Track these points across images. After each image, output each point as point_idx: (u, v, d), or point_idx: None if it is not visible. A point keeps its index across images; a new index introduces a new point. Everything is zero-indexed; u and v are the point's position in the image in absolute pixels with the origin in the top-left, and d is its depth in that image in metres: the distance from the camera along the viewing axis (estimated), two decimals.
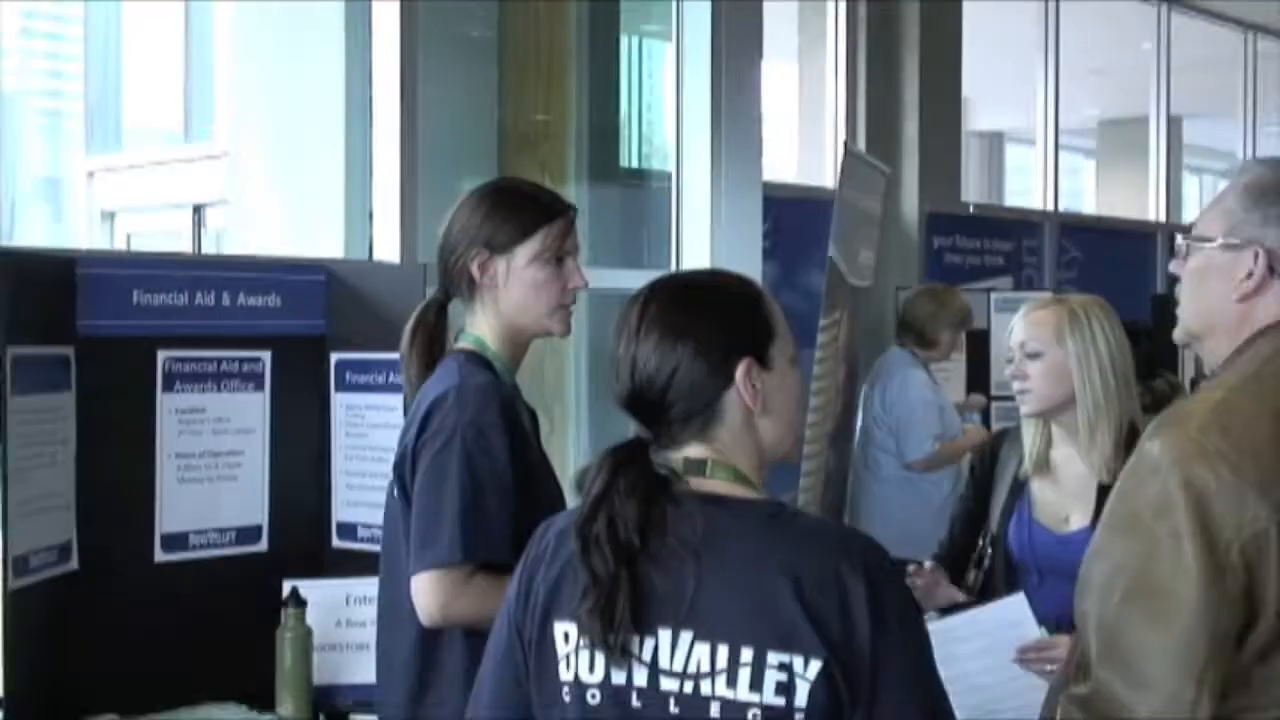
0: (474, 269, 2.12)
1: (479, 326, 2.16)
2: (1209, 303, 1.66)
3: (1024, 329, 2.65)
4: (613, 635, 1.40)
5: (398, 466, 2.09)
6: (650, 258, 4.80)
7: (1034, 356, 2.61)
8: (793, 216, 5.12)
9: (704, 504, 1.44)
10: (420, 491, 2.01)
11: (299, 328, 2.97)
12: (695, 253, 4.51)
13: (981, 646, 2.42)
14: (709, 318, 1.49)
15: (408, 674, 2.08)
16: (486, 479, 1.98)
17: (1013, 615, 2.45)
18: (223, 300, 2.87)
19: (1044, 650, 2.40)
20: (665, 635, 1.41)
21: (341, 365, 2.98)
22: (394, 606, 2.11)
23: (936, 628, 2.47)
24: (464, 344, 2.16)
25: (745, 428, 1.49)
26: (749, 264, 4.41)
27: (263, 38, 4.29)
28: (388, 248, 3.69)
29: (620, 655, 1.41)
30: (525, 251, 2.12)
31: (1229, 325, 1.63)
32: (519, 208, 2.15)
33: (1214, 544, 1.46)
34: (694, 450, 1.48)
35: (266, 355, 2.93)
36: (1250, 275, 1.61)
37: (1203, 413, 1.54)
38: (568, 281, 2.15)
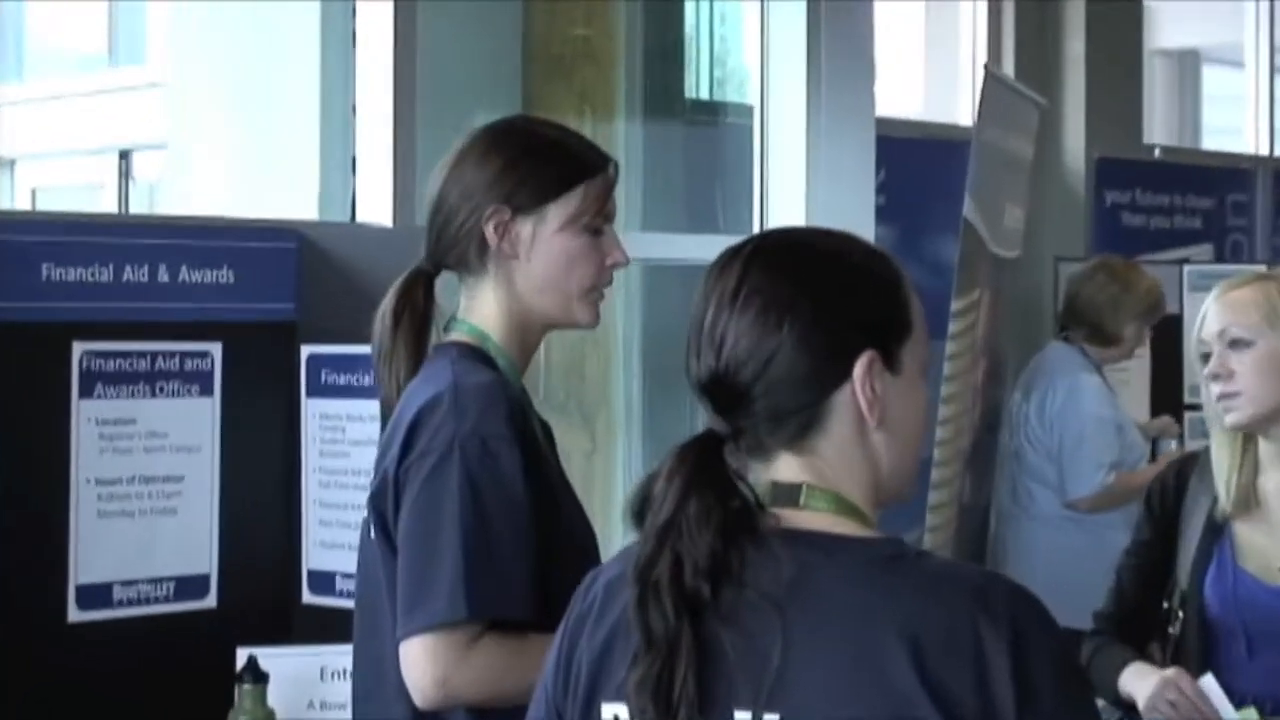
0: (489, 231, 2.11)
1: (480, 311, 2.16)
2: None
3: (1221, 313, 2.63)
4: (670, 718, 1.39)
5: (375, 498, 2.08)
6: (725, 220, 4.79)
7: (1240, 346, 2.59)
8: (915, 164, 5.08)
9: (795, 543, 1.42)
10: (408, 530, 2.01)
11: (260, 312, 2.99)
12: (785, 212, 4.49)
13: None
14: (830, 292, 1.48)
15: None
16: (496, 508, 1.98)
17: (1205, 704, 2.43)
18: (159, 275, 2.89)
19: None
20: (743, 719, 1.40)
21: (316, 362, 3.00)
22: (374, 682, 2.11)
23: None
24: (457, 335, 2.15)
25: (856, 442, 1.49)
26: (859, 227, 4.38)
27: None
28: (376, 207, 3.70)
29: None
30: (558, 212, 2.12)
31: None
32: (551, 156, 2.15)
33: None
34: (786, 467, 1.47)
35: (216, 349, 2.95)
36: None
37: None
38: (606, 256, 2.16)
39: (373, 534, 2.11)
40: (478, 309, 2.16)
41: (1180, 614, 2.67)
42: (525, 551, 1.99)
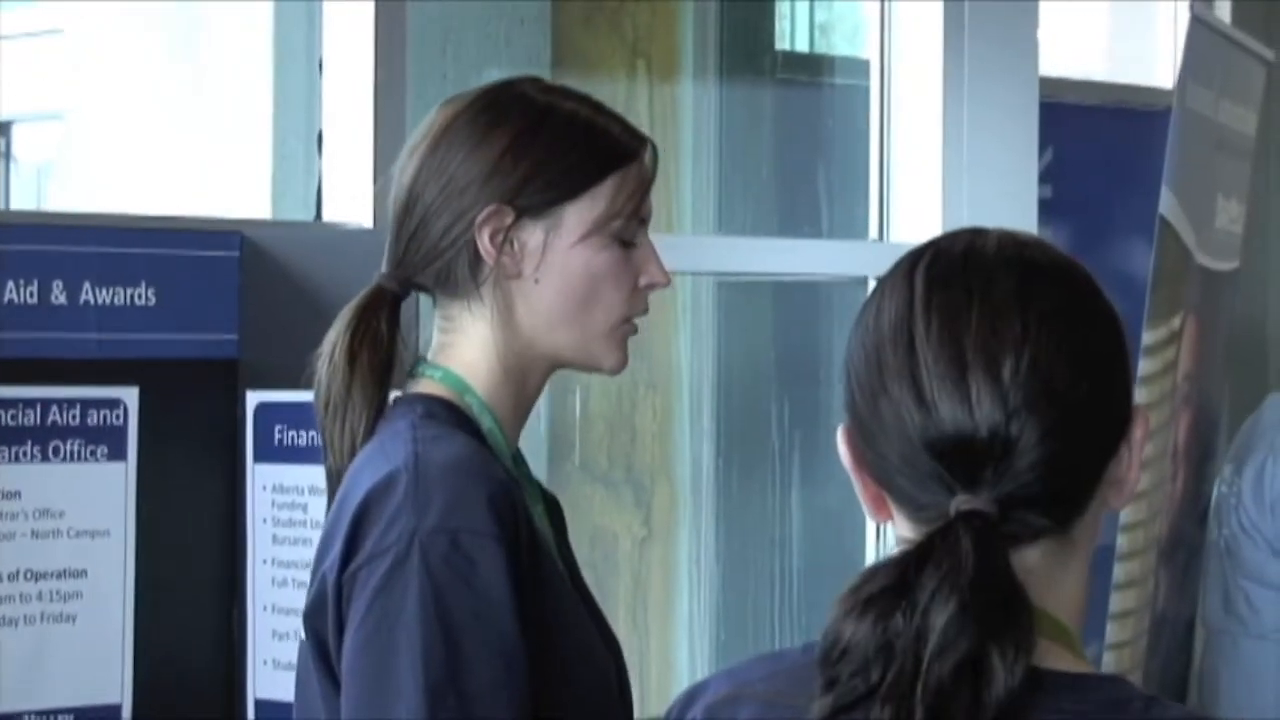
0: (484, 240, 2.11)
1: (461, 351, 2.15)
2: None
3: None
4: None
5: (311, 617, 2.07)
6: (832, 217, 4.78)
7: None
8: (1092, 141, 5.05)
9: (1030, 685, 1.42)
10: (353, 663, 2.00)
11: (191, 346, 3.01)
12: (915, 208, 4.48)
13: None
14: (1119, 342, 1.53)
15: None
16: (469, 631, 1.96)
17: None
18: (52, 295, 2.91)
19: None
20: None
21: (266, 413, 3.02)
22: None
23: None
24: (426, 385, 2.15)
25: (1089, 548, 1.52)
26: (1017, 224, 4.34)
27: None
28: (349, 202, 3.70)
29: None
30: (579, 216, 2.12)
31: None
32: (571, 138, 2.15)
33: None
34: (1031, 563, 1.47)
35: (131, 396, 2.96)
36: None
37: None
38: (640, 275, 2.16)
39: (311, 659, 2.10)
40: (458, 346, 2.16)
41: None
42: (512, 688, 1.97)
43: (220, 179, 3.98)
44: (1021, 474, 1.44)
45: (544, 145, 2.13)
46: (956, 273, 1.50)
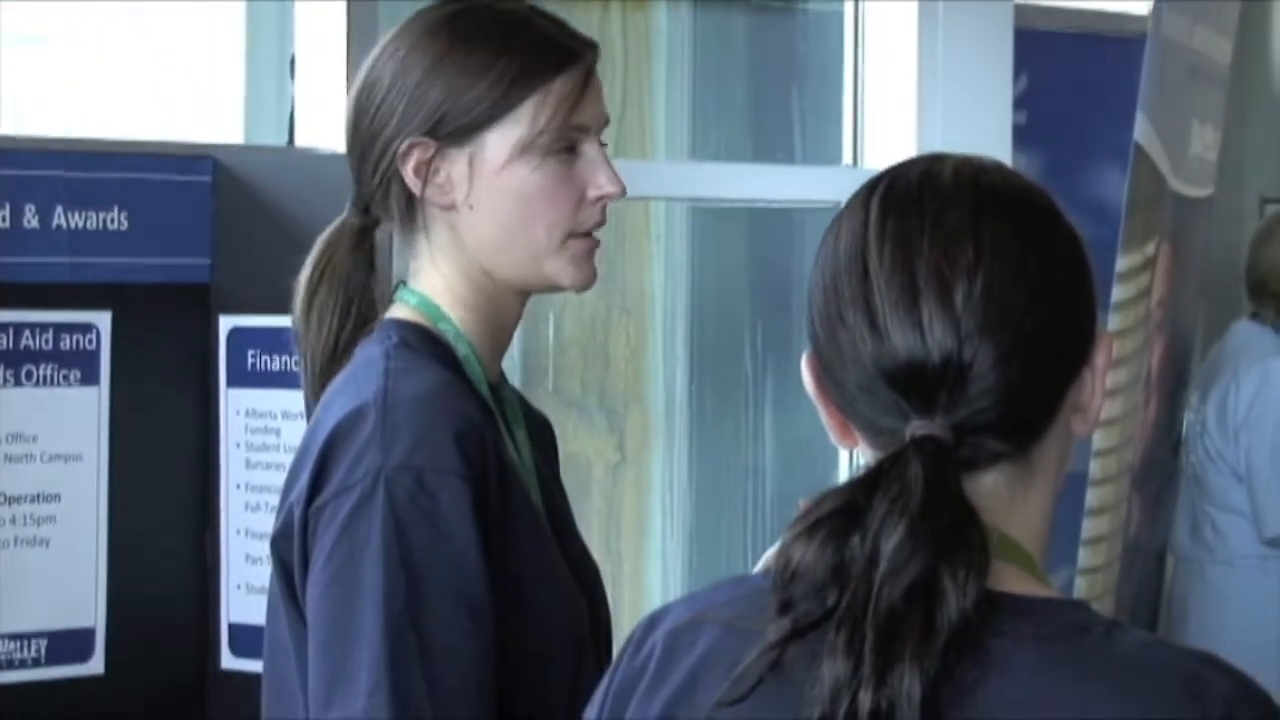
0: (409, 174, 2.10)
1: (429, 278, 2.15)
2: None
3: None
4: None
5: (277, 543, 2.07)
6: (805, 143, 4.79)
7: None
8: (1067, 67, 5.06)
9: (990, 610, 1.42)
10: (319, 598, 2.00)
11: (163, 270, 3.01)
12: (890, 134, 4.49)
13: None
14: (1081, 267, 1.51)
15: None
16: (432, 570, 1.97)
17: None
18: (24, 219, 2.90)
19: None
20: None
21: (239, 338, 3.02)
22: None
23: None
24: (402, 309, 2.14)
25: (1053, 473, 1.52)
26: (994, 154, 4.33)
27: None
28: (323, 125, 3.69)
29: None
30: (501, 140, 2.10)
31: None
32: (489, 53, 2.12)
33: None
34: (989, 489, 1.48)
35: (104, 320, 2.96)
36: None
37: None
38: (587, 185, 2.14)
39: (278, 587, 2.10)
40: (426, 273, 2.14)
41: None
42: (475, 627, 1.98)
43: (194, 105, 3.97)
44: (976, 399, 1.44)
45: (457, 70, 2.10)
46: (911, 200, 1.49)
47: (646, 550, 4.60)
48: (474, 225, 2.11)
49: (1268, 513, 4.71)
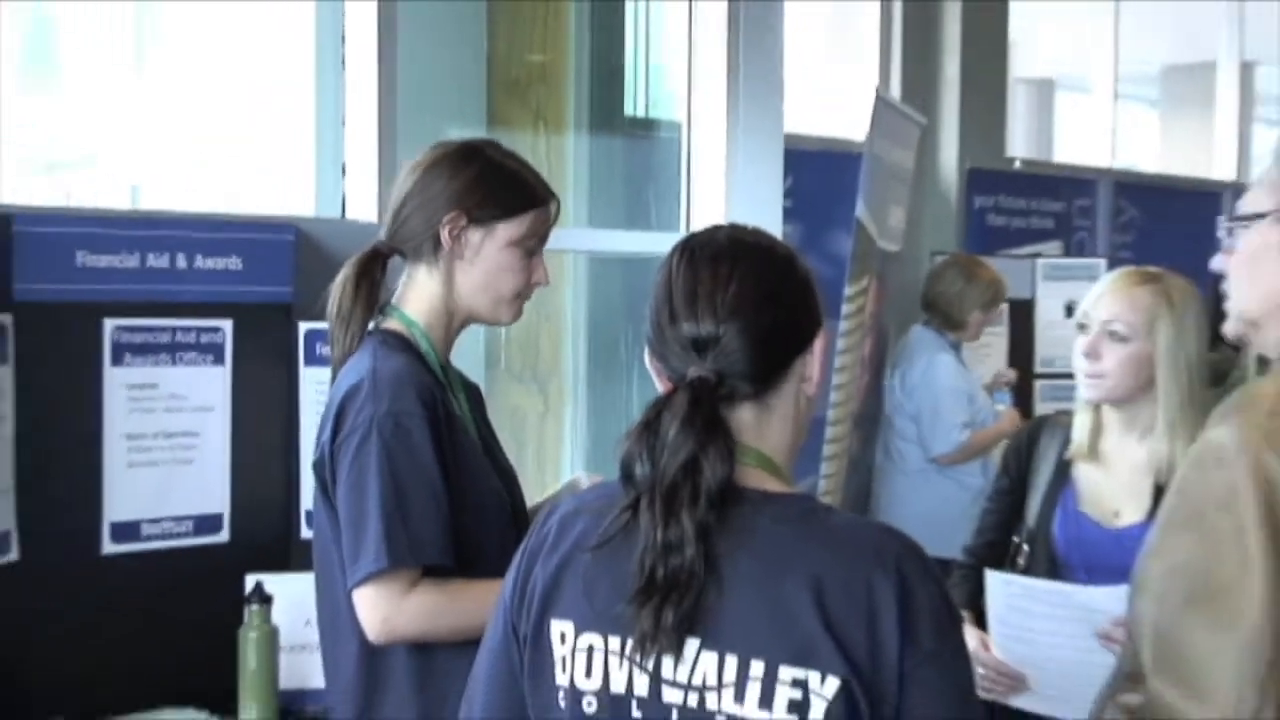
0: (445, 233, 2.11)
1: (416, 297, 2.15)
2: (1267, 284, 1.66)
3: (1113, 304, 2.61)
4: (653, 642, 1.39)
5: (317, 468, 2.08)
6: (657, 218, 4.79)
7: (1118, 339, 2.59)
8: (817, 172, 5.09)
9: (740, 495, 1.44)
10: (344, 497, 2.01)
11: (264, 294, 2.98)
12: (708, 212, 4.48)
13: (1069, 616, 2.45)
14: (805, 289, 1.53)
15: (353, 692, 2.08)
16: (408, 475, 1.97)
17: (1115, 605, 2.45)
18: (177, 263, 2.88)
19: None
20: None
21: (311, 336, 2.99)
22: (333, 620, 2.11)
23: (1023, 583, 2.53)
24: (388, 323, 2.15)
25: (791, 407, 1.52)
26: (769, 225, 4.37)
27: None
28: (362, 205, 3.68)
29: (638, 664, 1.41)
30: (506, 231, 2.12)
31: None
32: (513, 183, 2.14)
33: None
34: (742, 419, 1.48)
35: (227, 325, 2.93)
36: None
37: (1274, 396, 1.55)
38: (534, 273, 2.16)
39: (318, 498, 2.10)
40: (415, 294, 2.15)
41: (1027, 548, 2.71)
42: (438, 508, 1.98)
43: (282, 190, 3.93)
44: (727, 356, 1.46)
45: (495, 182, 2.13)
46: (700, 249, 1.52)
47: (559, 466, 4.60)
48: (469, 274, 2.13)
49: (929, 443, 4.78)
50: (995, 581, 2.57)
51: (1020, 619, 2.53)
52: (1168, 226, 7.00)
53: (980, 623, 2.62)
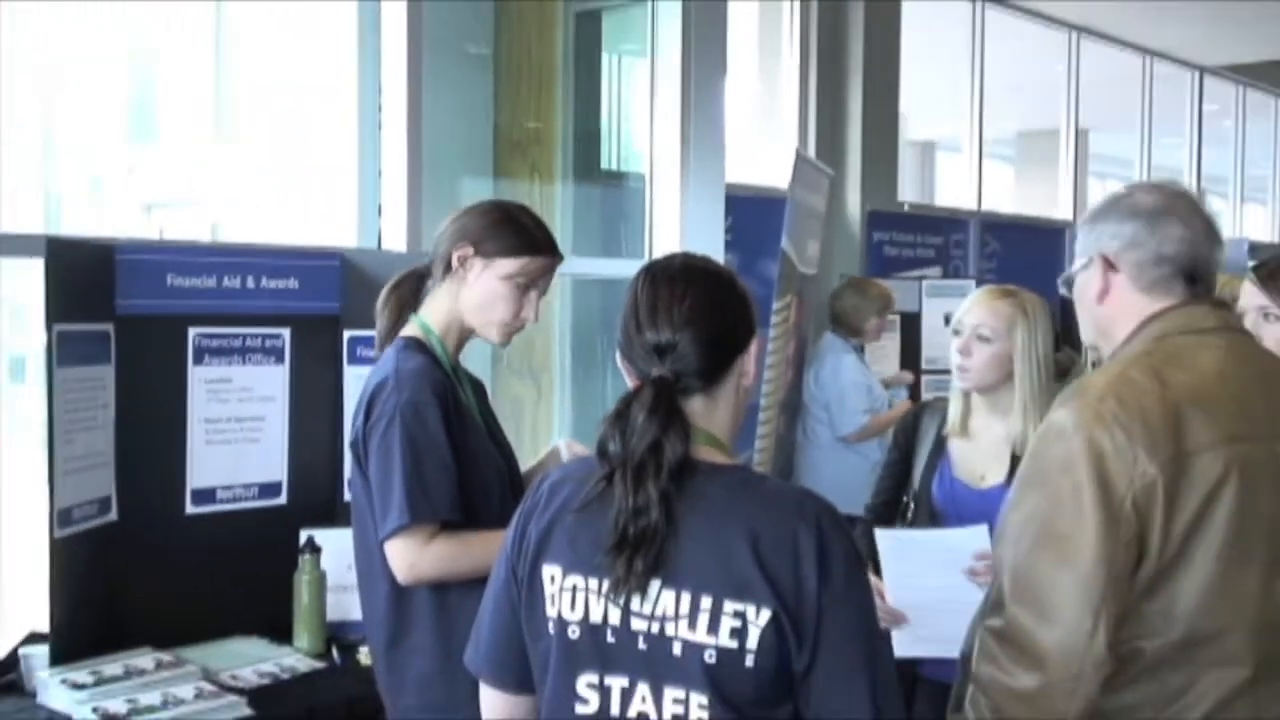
0: (455, 257, 2.08)
1: (433, 310, 2.12)
2: (1089, 314, 1.72)
3: (981, 314, 2.62)
4: (625, 584, 1.38)
5: (353, 446, 2.05)
6: (626, 249, 4.78)
7: (984, 340, 2.60)
8: (751, 213, 5.09)
9: (696, 466, 1.43)
10: (374, 468, 1.98)
11: (316, 308, 2.94)
12: (666, 244, 4.48)
13: (941, 560, 2.44)
14: (736, 298, 1.50)
15: (384, 625, 2.05)
16: (425, 450, 1.95)
17: (975, 542, 2.45)
18: (247, 283, 2.84)
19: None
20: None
21: (353, 342, 2.96)
22: (368, 566, 2.07)
23: (898, 535, 2.51)
24: (410, 329, 2.11)
25: (731, 396, 1.50)
26: (714, 253, 4.38)
27: (281, 45, 4.23)
28: (395, 238, 3.65)
29: (612, 600, 1.40)
30: (505, 266, 2.08)
31: (1106, 325, 1.70)
32: (518, 231, 2.10)
33: (1110, 496, 1.50)
34: (694, 407, 1.46)
35: (286, 332, 2.89)
36: (1099, 279, 1.69)
37: (1102, 385, 1.58)
38: (523, 309, 2.11)
39: (355, 470, 2.07)
40: (433, 307, 2.12)
41: (913, 505, 2.71)
42: (449, 476, 1.96)
43: (330, 225, 3.90)
44: (682, 360, 1.44)
45: (507, 227, 2.09)
46: (660, 272, 1.50)
47: (549, 442, 4.58)
48: (469, 296, 2.09)
49: (836, 425, 4.77)
50: (883, 538, 2.56)
51: (905, 566, 2.52)
52: (1022, 255, 7.03)
53: (876, 571, 2.62)
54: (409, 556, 1.95)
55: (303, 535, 2.73)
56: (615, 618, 1.40)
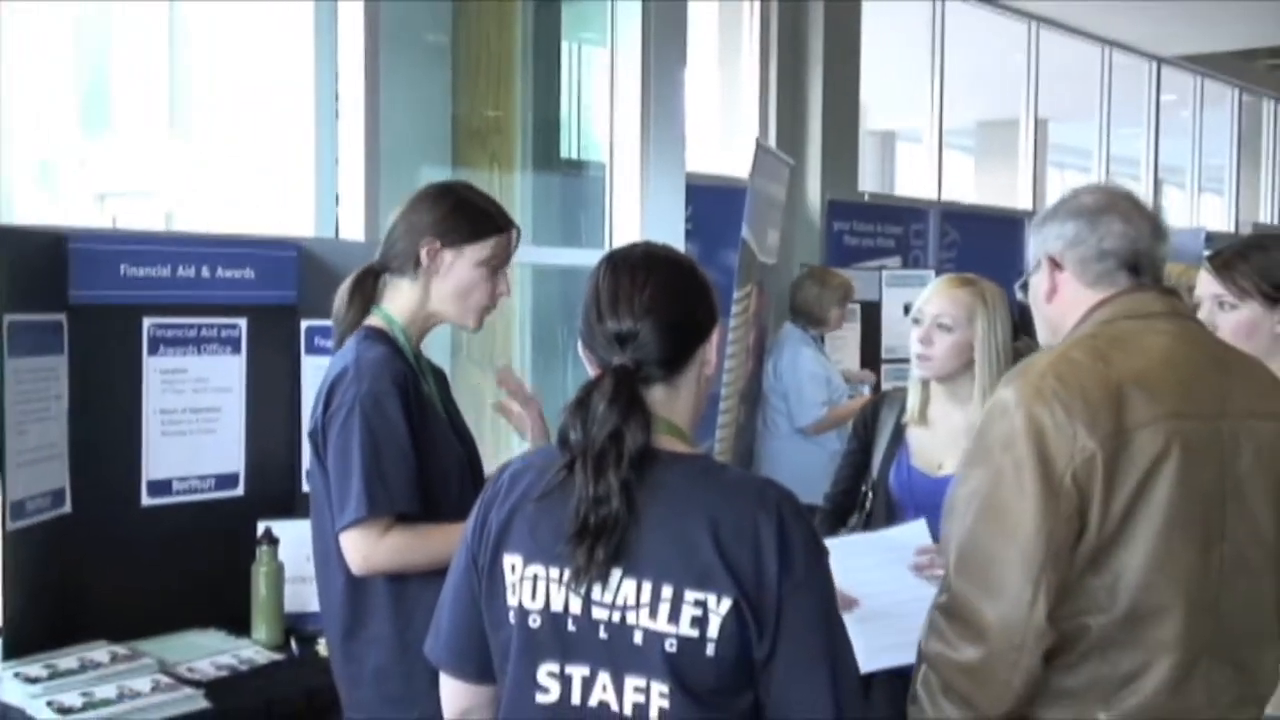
0: (423, 253, 2.07)
1: (396, 303, 2.10)
2: (1041, 315, 1.78)
3: (941, 303, 2.63)
4: (586, 573, 1.38)
5: (312, 436, 2.03)
6: (586, 238, 4.78)
7: (945, 329, 2.61)
8: (712, 202, 5.09)
9: (657, 455, 1.43)
10: (333, 459, 1.97)
11: (272, 298, 2.92)
12: (626, 234, 4.49)
13: (885, 560, 2.45)
14: (696, 287, 1.50)
15: (341, 616, 2.04)
16: (384, 441, 1.94)
17: (915, 538, 2.47)
18: (202, 273, 2.82)
19: (937, 559, 2.41)
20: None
21: (311, 331, 2.95)
22: (324, 558, 2.07)
23: (839, 542, 2.51)
24: (372, 320, 2.10)
25: (693, 385, 1.49)
26: (675, 243, 4.39)
27: (237, 33, 4.19)
28: (353, 227, 3.63)
29: (573, 589, 1.40)
30: (474, 252, 2.08)
31: (1057, 322, 1.75)
32: (478, 214, 2.10)
33: (1049, 471, 1.53)
34: (656, 395, 1.46)
35: (243, 322, 2.88)
36: (1047, 279, 1.74)
37: (1044, 364, 1.62)
38: (497, 288, 2.12)
39: (313, 460, 2.06)
40: (397, 300, 2.11)
41: (871, 495, 2.73)
42: (408, 467, 1.95)
43: (287, 214, 3.87)
44: (643, 348, 1.44)
45: (466, 213, 2.09)
46: (620, 261, 1.50)
47: (509, 433, 4.57)
48: (440, 288, 2.08)
49: (795, 417, 4.79)
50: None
51: (853, 576, 2.54)
52: (981, 244, 7.09)
53: None
54: (364, 549, 1.94)
55: (260, 526, 2.72)
56: (576, 607, 1.40)
